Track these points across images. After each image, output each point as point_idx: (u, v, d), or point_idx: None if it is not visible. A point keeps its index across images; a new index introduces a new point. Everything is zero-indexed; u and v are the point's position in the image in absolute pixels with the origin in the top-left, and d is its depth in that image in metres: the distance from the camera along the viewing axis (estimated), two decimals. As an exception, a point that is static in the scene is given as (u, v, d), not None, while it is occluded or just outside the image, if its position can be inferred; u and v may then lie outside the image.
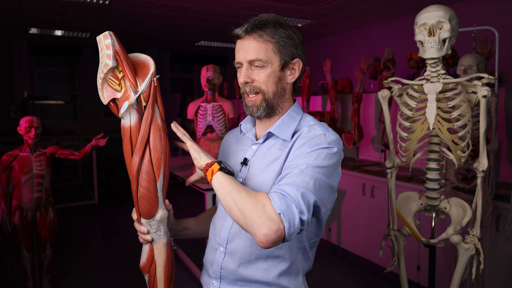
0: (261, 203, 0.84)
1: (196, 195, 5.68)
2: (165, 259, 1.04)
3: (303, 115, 1.09)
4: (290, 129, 1.04)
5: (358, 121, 3.64)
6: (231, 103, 3.04)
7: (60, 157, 2.65)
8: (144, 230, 1.03)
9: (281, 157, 1.00)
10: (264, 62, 1.00)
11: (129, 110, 0.92)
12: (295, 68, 1.05)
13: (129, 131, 0.94)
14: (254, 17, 1.02)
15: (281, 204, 0.83)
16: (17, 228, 2.53)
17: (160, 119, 0.96)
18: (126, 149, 0.96)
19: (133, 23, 5.57)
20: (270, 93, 1.03)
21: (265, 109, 1.03)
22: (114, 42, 0.88)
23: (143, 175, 0.95)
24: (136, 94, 0.91)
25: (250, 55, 1.00)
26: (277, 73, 1.02)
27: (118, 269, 3.32)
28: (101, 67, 0.90)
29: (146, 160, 0.95)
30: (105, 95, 0.94)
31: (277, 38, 1.01)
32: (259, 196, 0.86)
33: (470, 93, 1.69)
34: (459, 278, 1.78)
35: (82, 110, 8.20)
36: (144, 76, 0.93)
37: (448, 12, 1.61)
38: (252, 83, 1.02)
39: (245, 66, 1.02)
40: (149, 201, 0.97)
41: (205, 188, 2.75)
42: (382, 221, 3.03)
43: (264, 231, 0.81)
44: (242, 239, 1.03)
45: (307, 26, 5.75)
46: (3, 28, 6.14)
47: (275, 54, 1.01)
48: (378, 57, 3.70)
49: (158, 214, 1.00)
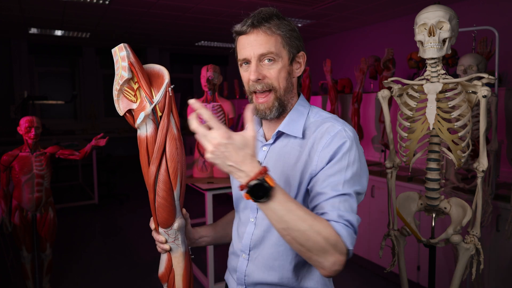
0: (331, 243, 0.79)
1: (196, 195, 5.67)
2: (184, 268, 1.04)
3: (310, 107, 1.05)
4: (300, 124, 1.00)
5: (358, 121, 3.64)
6: (231, 103, 3.04)
7: (60, 157, 2.65)
8: (162, 240, 1.01)
9: (300, 160, 0.96)
10: (276, 56, 0.96)
11: (145, 120, 0.93)
12: (300, 61, 1.02)
13: (146, 141, 0.95)
14: (255, 12, 0.98)
15: (352, 239, 0.83)
16: (17, 228, 2.53)
17: (175, 128, 0.96)
18: (142, 159, 0.96)
19: (133, 23, 5.57)
20: (282, 90, 0.98)
21: (277, 109, 0.99)
22: (129, 54, 0.89)
23: (160, 185, 0.95)
24: (152, 104, 0.92)
25: (260, 49, 0.95)
26: (287, 68, 0.99)
27: (118, 269, 3.32)
28: (116, 79, 0.91)
29: (162, 169, 0.95)
30: (121, 106, 0.95)
31: (284, 30, 0.97)
32: (327, 233, 0.79)
33: (470, 93, 1.69)
34: (459, 278, 1.78)
35: (82, 110, 8.20)
36: (159, 86, 0.94)
37: (448, 12, 1.61)
38: (263, 80, 0.97)
39: (254, 62, 0.96)
40: (166, 210, 0.97)
41: (205, 188, 2.75)
42: (382, 221, 3.03)
43: (335, 267, 0.82)
44: (266, 246, 1.00)
45: (307, 26, 5.74)
46: (3, 28, 6.13)
47: (284, 47, 0.97)
48: (378, 57, 3.70)
49: (175, 223, 0.99)
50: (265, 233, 1.01)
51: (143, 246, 3.80)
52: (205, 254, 3.04)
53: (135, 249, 3.74)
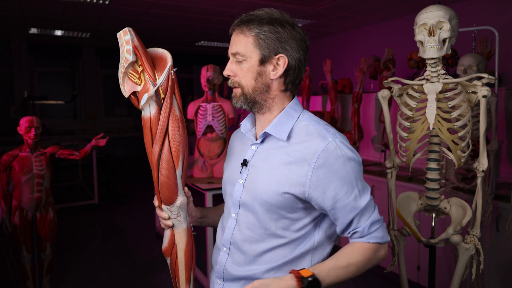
0: (372, 258, 1.01)
1: (196, 195, 5.67)
2: (186, 244, 1.09)
3: (302, 112, 1.05)
4: (287, 127, 1.01)
5: (358, 121, 3.64)
6: (231, 103, 3.03)
7: (60, 157, 2.65)
8: (165, 216, 1.06)
9: (286, 163, 0.98)
10: (243, 56, 1.00)
11: (149, 102, 0.97)
12: (279, 63, 1.00)
13: (149, 122, 0.99)
14: (250, 12, 1.02)
15: (384, 232, 1.02)
16: (17, 228, 2.53)
17: (178, 110, 1.01)
18: (146, 139, 1.00)
19: (133, 23, 5.57)
20: (249, 88, 1.01)
21: (244, 102, 1.03)
22: (133, 37, 0.93)
23: (163, 164, 1.00)
24: (155, 86, 0.96)
25: (232, 48, 1.02)
26: (256, 68, 1.00)
27: (118, 269, 3.32)
28: (121, 62, 0.95)
29: (165, 149, 0.99)
30: (126, 88, 0.98)
31: (257, 31, 0.98)
32: (367, 257, 1.00)
33: (470, 93, 1.69)
34: (459, 278, 1.77)
35: (82, 110, 8.20)
36: (162, 69, 0.98)
37: (448, 12, 1.61)
38: (233, 77, 1.03)
39: (230, 60, 1.03)
40: (169, 188, 1.02)
41: (205, 188, 2.75)
42: (382, 221, 3.03)
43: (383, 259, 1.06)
44: (246, 243, 1.03)
45: (307, 26, 5.74)
46: (3, 28, 6.14)
47: (255, 48, 0.99)
48: (378, 57, 3.70)
49: (178, 201, 1.04)
50: (245, 230, 1.03)
51: (143, 246, 3.80)
52: (205, 254, 3.05)
53: (135, 249, 3.74)
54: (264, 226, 1.01)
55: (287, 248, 1.01)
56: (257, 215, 1.01)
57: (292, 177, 0.96)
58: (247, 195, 1.02)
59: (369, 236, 0.98)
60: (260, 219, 1.01)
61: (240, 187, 1.04)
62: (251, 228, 1.02)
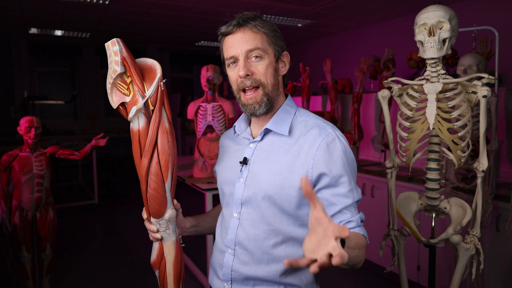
0: (365, 246, 0.94)
1: (196, 195, 5.67)
2: (174, 256, 1.08)
3: (297, 108, 1.09)
4: (286, 123, 1.03)
5: (358, 121, 3.64)
6: (231, 103, 3.03)
7: (60, 157, 2.64)
8: (153, 229, 1.06)
9: (289, 157, 0.99)
10: (263, 52, 0.99)
11: (137, 114, 0.95)
12: (285, 60, 1.06)
13: (138, 135, 0.97)
14: (238, 14, 1.02)
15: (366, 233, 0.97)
16: (17, 228, 2.53)
17: (167, 122, 0.99)
18: (135, 151, 0.99)
19: (133, 23, 5.57)
20: (269, 86, 1.01)
21: (266, 104, 1.01)
22: (121, 48, 0.91)
23: (152, 177, 0.98)
24: (144, 99, 0.94)
25: (247, 45, 0.98)
26: (274, 64, 1.02)
27: (118, 269, 3.32)
28: (110, 73, 0.93)
29: (154, 162, 0.98)
30: (114, 99, 0.97)
31: (268, 29, 1.01)
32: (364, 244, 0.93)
33: (470, 93, 1.69)
34: (459, 278, 1.77)
35: (82, 110, 8.20)
36: (151, 80, 0.96)
37: (448, 12, 1.61)
38: (252, 76, 0.99)
39: (242, 59, 0.99)
40: (158, 201, 1.01)
41: (205, 188, 2.75)
42: (382, 221, 3.03)
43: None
44: (251, 241, 1.02)
45: (307, 26, 5.75)
46: (3, 28, 6.14)
47: (269, 45, 1.01)
48: (378, 57, 3.70)
49: (166, 214, 1.03)
50: (249, 228, 1.03)
51: (143, 246, 3.80)
52: (205, 254, 3.05)
53: (135, 249, 3.74)
54: (268, 222, 1.00)
55: (295, 245, 1.01)
56: (260, 211, 1.01)
57: (294, 169, 0.98)
58: (249, 193, 1.02)
59: (360, 228, 0.95)
60: (264, 215, 1.00)
61: (241, 185, 1.04)
62: (255, 226, 1.02)
